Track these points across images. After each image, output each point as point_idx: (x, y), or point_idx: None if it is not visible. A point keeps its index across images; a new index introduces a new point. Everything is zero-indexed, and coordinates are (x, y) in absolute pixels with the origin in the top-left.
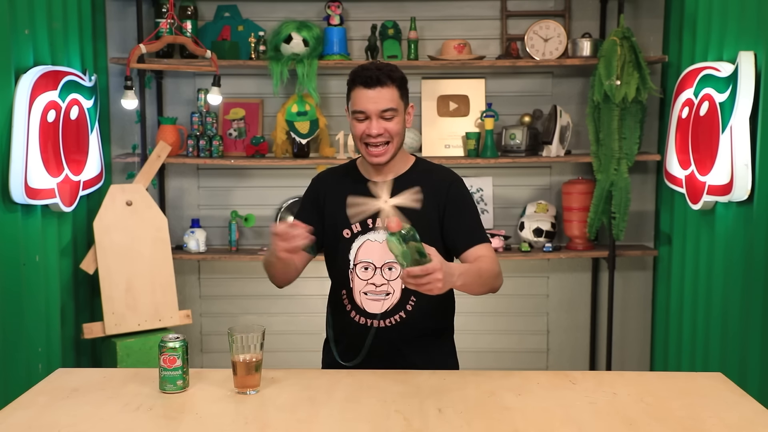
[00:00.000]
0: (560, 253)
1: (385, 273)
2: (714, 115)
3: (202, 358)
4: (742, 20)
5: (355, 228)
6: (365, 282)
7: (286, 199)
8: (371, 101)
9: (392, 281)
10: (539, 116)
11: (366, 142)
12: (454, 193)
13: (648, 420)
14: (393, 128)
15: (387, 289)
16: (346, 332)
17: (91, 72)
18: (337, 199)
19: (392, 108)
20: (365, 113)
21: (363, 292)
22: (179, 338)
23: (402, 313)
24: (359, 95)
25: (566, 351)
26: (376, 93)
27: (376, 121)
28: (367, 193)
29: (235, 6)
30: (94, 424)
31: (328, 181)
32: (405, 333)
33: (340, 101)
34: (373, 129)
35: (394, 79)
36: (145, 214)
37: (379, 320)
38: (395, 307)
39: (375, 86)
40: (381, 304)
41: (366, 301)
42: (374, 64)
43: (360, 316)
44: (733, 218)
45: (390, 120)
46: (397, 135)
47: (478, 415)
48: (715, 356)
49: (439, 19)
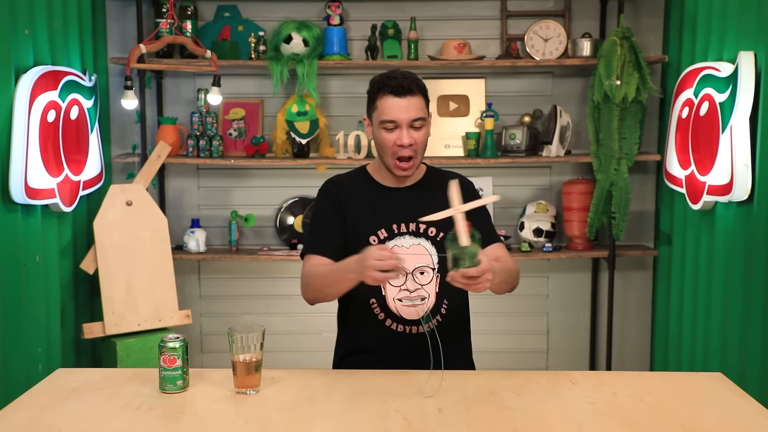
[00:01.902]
0: (560, 253)
1: (418, 278)
2: (714, 115)
3: (202, 358)
4: (742, 20)
5: (381, 234)
6: (398, 288)
7: (286, 199)
8: (403, 110)
9: (426, 285)
10: (539, 116)
11: (398, 155)
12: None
13: (648, 420)
14: (420, 139)
15: (422, 294)
16: (381, 342)
17: (91, 72)
18: (358, 205)
19: (422, 117)
20: (396, 122)
21: (397, 299)
22: (179, 338)
23: (438, 317)
24: (389, 104)
25: (566, 351)
26: (407, 102)
27: (407, 130)
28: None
29: (235, 6)
30: (94, 424)
31: (346, 187)
32: (441, 337)
33: (340, 101)
34: (404, 139)
35: (421, 88)
36: (145, 214)
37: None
38: (431, 311)
39: (406, 95)
40: (416, 310)
41: (402, 307)
42: (398, 72)
43: (397, 324)
44: (733, 218)
45: (419, 130)
46: (423, 146)
47: (478, 415)
48: (715, 356)
49: (439, 19)
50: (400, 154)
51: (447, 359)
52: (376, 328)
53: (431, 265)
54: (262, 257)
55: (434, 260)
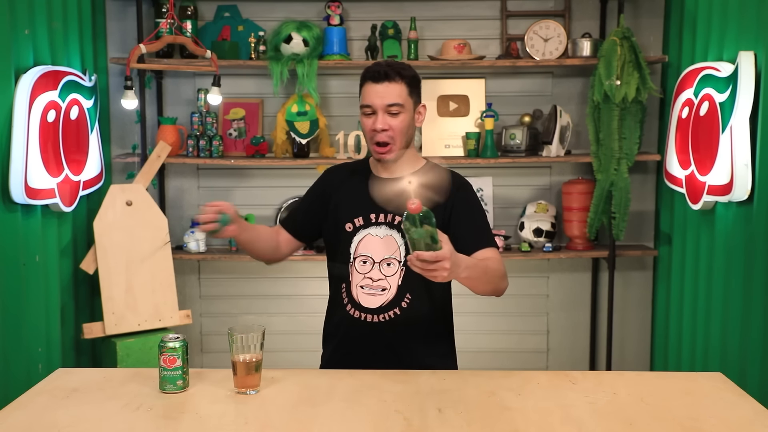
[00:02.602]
0: (560, 253)
1: (384, 268)
2: (714, 115)
3: (202, 358)
4: (742, 20)
5: (357, 222)
6: (363, 276)
7: (286, 199)
8: (378, 95)
9: (389, 277)
10: (539, 116)
11: (374, 140)
12: (461, 197)
13: (648, 420)
14: (397, 125)
15: (384, 285)
16: (341, 326)
17: (91, 72)
18: (343, 194)
19: (398, 103)
20: (372, 107)
21: (360, 285)
22: (179, 338)
23: (397, 309)
24: (367, 90)
25: (566, 351)
26: (383, 88)
27: (382, 115)
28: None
29: (235, 6)
30: (94, 424)
31: (339, 175)
32: (399, 330)
33: (340, 101)
34: (378, 124)
35: (403, 75)
36: (145, 214)
37: (374, 315)
38: (390, 303)
39: (383, 81)
40: (376, 299)
41: (362, 295)
42: (386, 61)
43: (355, 310)
44: (733, 218)
45: (395, 116)
46: (401, 132)
47: (478, 415)
48: (715, 356)
49: (439, 19)
50: (376, 139)
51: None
52: (338, 312)
53: (398, 257)
54: None
55: (402, 253)
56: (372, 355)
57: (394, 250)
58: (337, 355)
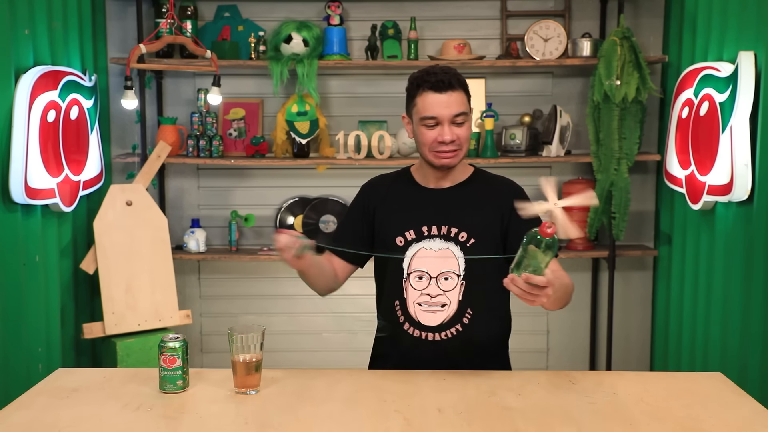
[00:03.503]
0: (560, 253)
1: (441, 283)
2: (714, 115)
3: (202, 358)
4: (742, 20)
5: (409, 236)
6: (419, 292)
7: (286, 199)
8: (444, 106)
9: (448, 292)
10: (539, 116)
11: (438, 151)
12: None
13: (648, 420)
14: (463, 134)
15: (443, 300)
16: (400, 346)
17: (91, 72)
18: (388, 207)
19: (464, 112)
20: (437, 119)
21: (417, 303)
22: (179, 338)
23: (459, 326)
24: (430, 100)
25: (566, 351)
26: (447, 97)
27: (449, 126)
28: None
29: (235, 6)
30: (94, 424)
31: (379, 189)
32: (461, 347)
33: (340, 101)
34: (446, 135)
35: (462, 83)
36: (145, 214)
37: (435, 333)
38: (451, 319)
39: (446, 90)
40: (436, 316)
41: (420, 312)
42: (438, 67)
43: (414, 329)
44: (733, 218)
45: (461, 125)
46: (467, 141)
47: (478, 415)
48: (715, 356)
49: (439, 19)
50: (443, 149)
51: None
52: (396, 331)
53: (457, 271)
54: (262, 257)
55: (460, 266)
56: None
57: (451, 264)
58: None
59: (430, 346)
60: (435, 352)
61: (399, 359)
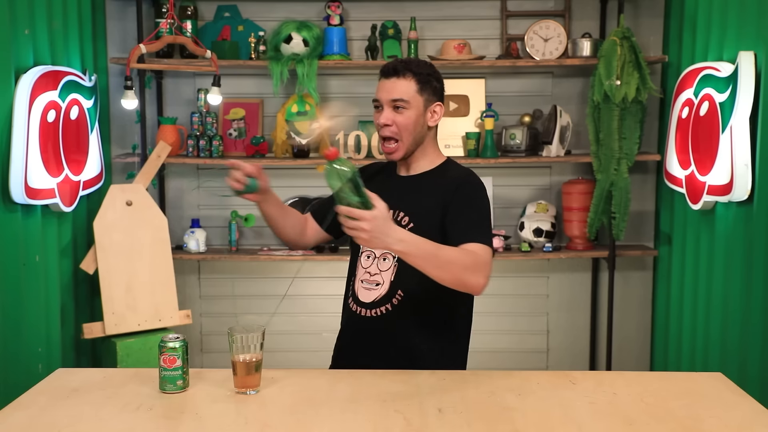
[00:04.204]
0: (560, 253)
1: (380, 263)
2: (714, 115)
3: (202, 358)
4: (742, 20)
5: None
6: (364, 270)
7: (286, 199)
8: (384, 90)
9: (384, 272)
10: (539, 116)
11: (380, 135)
12: (461, 192)
13: (648, 420)
14: (401, 121)
15: (378, 279)
16: (344, 318)
17: (91, 72)
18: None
19: (402, 99)
20: (378, 102)
21: (360, 279)
22: (179, 338)
23: (388, 305)
24: (378, 85)
25: (566, 351)
26: (390, 83)
27: (387, 110)
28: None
29: (235, 6)
30: (94, 424)
31: (368, 173)
32: (390, 327)
33: (340, 101)
34: (381, 118)
35: (415, 72)
36: (145, 214)
37: (368, 309)
38: (383, 298)
39: (391, 76)
40: (370, 293)
41: (360, 289)
42: (406, 58)
43: (354, 303)
44: (733, 218)
45: (400, 112)
46: (406, 129)
47: (478, 415)
48: (715, 356)
49: (439, 19)
50: (381, 134)
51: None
52: (345, 304)
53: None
54: (262, 257)
55: None
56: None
57: None
58: (339, 345)
59: (364, 323)
60: (367, 330)
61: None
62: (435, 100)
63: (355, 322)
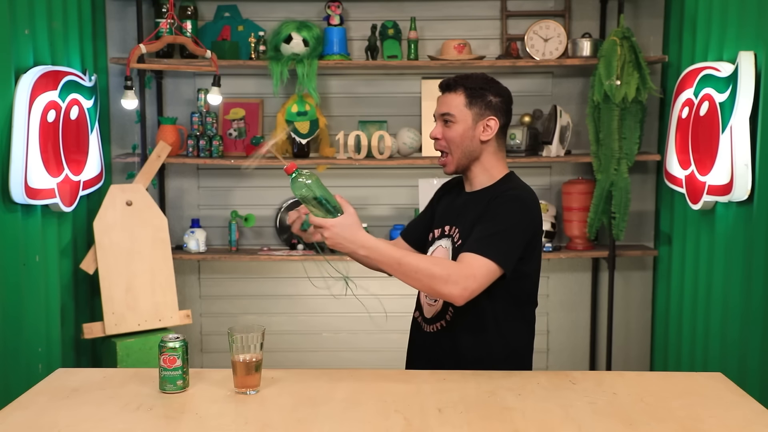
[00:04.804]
0: (560, 253)
1: None
2: (714, 115)
3: (202, 358)
4: (742, 20)
5: (437, 232)
6: None
7: (286, 199)
8: (437, 104)
9: None
10: (539, 116)
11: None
12: (491, 204)
13: (648, 420)
14: (449, 135)
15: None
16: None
17: (91, 72)
18: (441, 205)
19: (449, 113)
20: (435, 116)
21: (424, 294)
22: (179, 338)
23: (443, 322)
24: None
25: (566, 351)
26: (443, 98)
27: (438, 124)
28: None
29: (235, 6)
30: (94, 424)
31: (445, 188)
32: (443, 343)
33: (340, 101)
34: (431, 132)
35: (466, 86)
36: (145, 214)
37: (427, 324)
38: (438, 314)
39: (445, 91)
40: (431, 309)
41: (424, 304)
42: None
43: (419, 315)
44: (733, 218)
45: (449, 126)
46: (454, 143)
47: (478, 415)
48: (715, 356)
49: (439, 19)
50: (434, 147)
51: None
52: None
53: None
54: (262, 257)
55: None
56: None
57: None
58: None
59: (425, 337)
60: (428, 343)
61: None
62: (489, 114)
63: (416, 333)
